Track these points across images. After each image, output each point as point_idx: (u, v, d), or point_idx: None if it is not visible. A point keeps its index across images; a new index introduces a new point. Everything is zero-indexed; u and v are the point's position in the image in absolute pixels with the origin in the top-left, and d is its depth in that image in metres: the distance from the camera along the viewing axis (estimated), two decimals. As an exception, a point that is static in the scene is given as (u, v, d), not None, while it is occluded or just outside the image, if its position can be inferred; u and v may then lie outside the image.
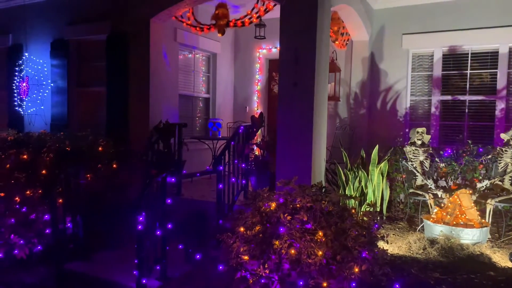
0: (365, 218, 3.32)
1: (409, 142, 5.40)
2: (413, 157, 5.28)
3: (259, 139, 6.82)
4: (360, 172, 4.96)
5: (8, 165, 4.92)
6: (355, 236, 3.02)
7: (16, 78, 7.81)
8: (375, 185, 5.00)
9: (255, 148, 6.72)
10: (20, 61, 7.78)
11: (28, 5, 7.74)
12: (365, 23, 6.54)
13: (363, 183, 4.97)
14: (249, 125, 5.61)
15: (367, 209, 4.39)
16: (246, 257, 3.15)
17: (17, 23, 7.99)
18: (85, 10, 7.10)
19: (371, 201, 4.91)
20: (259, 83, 8.43)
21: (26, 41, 7.83)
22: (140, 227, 3.62)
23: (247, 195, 4.65)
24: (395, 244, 4.34)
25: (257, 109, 8.41)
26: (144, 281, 3.66)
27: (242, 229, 3.36)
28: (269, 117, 8.16)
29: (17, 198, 4.72)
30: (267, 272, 3.04)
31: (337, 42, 6.44)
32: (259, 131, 5.91)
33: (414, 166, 5.21)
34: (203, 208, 5.42)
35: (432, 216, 4.60)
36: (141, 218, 3.61)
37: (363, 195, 4.98)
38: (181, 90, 7.48)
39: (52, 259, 4.40)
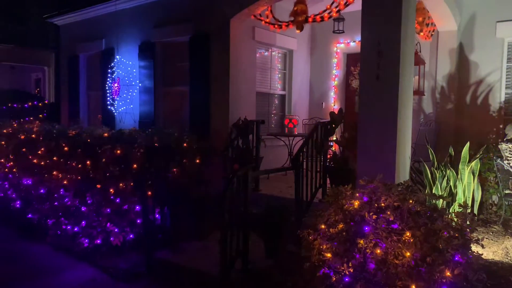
0: (455, 219, 3.12)
1: (505, 139, 4.96)
2: (510, 156, 4.84)
3: (337, 136, 6.71)
4: (448, 171, 4.66)
5: (104, 159, 5.37)
6: (447, 238, 2.85)
7: (108, 79, 8.49)
8: (465, 185, 4.67)
9: (331, 144, 6.61)
10: (112, 64, 8.44)
11: (119, 11, 8.37)
12: (453, 12, 6.11)
13: (451, 183, 4.66)
14: (328, 121, 5.54)
15: (458, 210, 4.11)
16: (328, 255, 3.12)
17: (109, 28, 8.69)
18: (170, 13, 7.50)
19: (463, 201, 4.59)
20: (336, 78, 8.28)
21: (117, 45, 8.49)
22: (223, 219, 3.75)
23: (327, 192, 4.59)
24: (489, 249, 4.03)
25: (334, 105, 8.27)
26: (227, 272, 3.80)
27: (323, 226, 3.33)
28: (346, 113, 7.97)
29: (112, 190, 5.15)
30: (351, 270, 2.99)
31: (421, 34, 6.10)
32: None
33: (511, 165, 4.77)
34: (281, 204, 5.44)
35: (533, 220, 4.19)
36: (224, 211, 3.74)
37: (451, 195, 4.68)
38: (258, 87, 7.60)
39: (142, 247, 4.74)
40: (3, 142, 7.10)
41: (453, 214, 3.15)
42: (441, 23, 6.37)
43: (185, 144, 5.28)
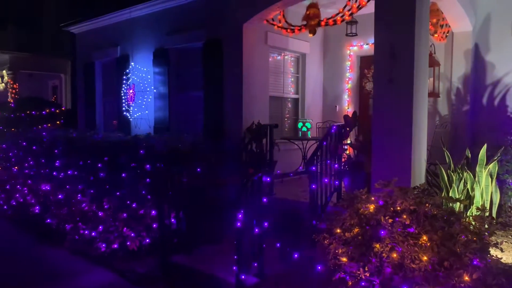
0: (473, 223, 3.08)
1: (523, 141, 4.88)
2: (528, 158, 4.75)
3: (351, 139, 6.67)
4: (465, 173, 4.60)
5: (122, 164, 5.45)
6: (465, 242, 2.82)
7: (124, 85, 8.61)
8: (483, 188, 4.60)
9: (345, 148, 6.59)
10: (127, 70, 8.56)
11: (134, 19, 8.50)
12: (468, 12, 6.04)
13: (468, 186, 4.60)
14: (342, 124, 5.52)
15: (476, 213, 4.06)
16: (344, 259, 3.12)
17: (124, 35, 8.82)
18: (183, 20, 7.58)
19: (481, 205, 4.52)
20: (349, 81, 8.25)
21: (132, 52, 8.61)
22: (239, 224, 3.77)
23: (342, 196, 4.57)
24: (509, 253, 3.96)
25: (348, 108, 8.23)
26: (242, 276, 3.81)
27: (338, 230, 3.32)
28: (360, 116, 7.92)
29: (128, 195, 5.21)
30: (367, 275, 2.97)
31: (436, 35, 6.04)
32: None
33: (530, 167, 4.69)
34: (295, 208, 5.45)
35: (554, 223, 4.10)
36: (240, 216, 3.75)
37: (468, 198, 4.62)
38: (271, 91, 7.59)
39: (158, 252, 4.78)
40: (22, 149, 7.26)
41: (470, 217, 3.12)
42: (455, 24, 6.30)
43: (199, 149, 5.33)
